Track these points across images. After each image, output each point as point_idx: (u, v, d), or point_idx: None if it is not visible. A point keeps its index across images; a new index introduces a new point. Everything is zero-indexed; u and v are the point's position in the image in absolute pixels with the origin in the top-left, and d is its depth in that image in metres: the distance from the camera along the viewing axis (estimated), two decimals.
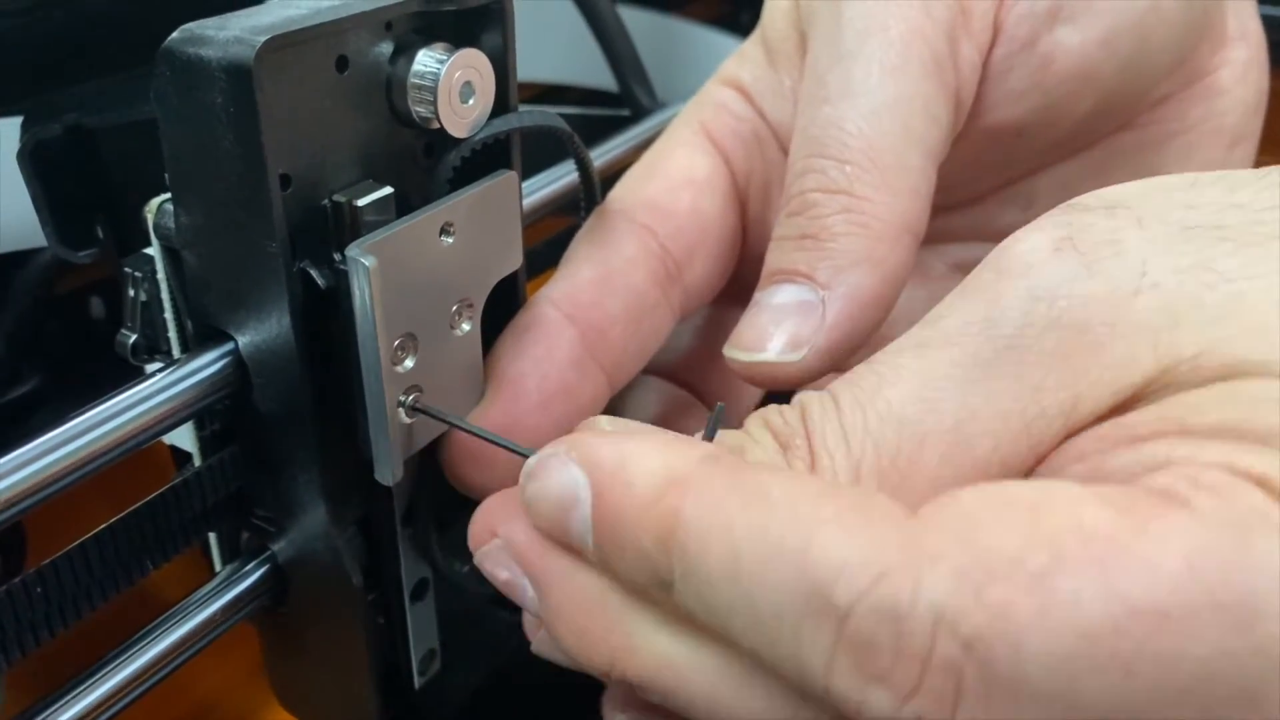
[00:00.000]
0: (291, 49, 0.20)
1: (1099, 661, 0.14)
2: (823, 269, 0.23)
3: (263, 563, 0.25)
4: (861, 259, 0.22)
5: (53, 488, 0.20)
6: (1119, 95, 0.26)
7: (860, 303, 0.22)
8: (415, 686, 0.27)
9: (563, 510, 0.18)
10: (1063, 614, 0.14)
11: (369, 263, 0.21)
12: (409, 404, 0.23)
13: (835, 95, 0.23)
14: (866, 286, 0.22)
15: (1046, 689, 0.14)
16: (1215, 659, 0.14)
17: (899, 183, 0.23)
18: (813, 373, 0.23)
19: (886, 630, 0.15)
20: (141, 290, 0.24)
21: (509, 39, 0.24)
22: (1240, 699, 0.14)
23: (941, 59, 0.24)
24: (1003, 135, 0.26)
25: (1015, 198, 0.28)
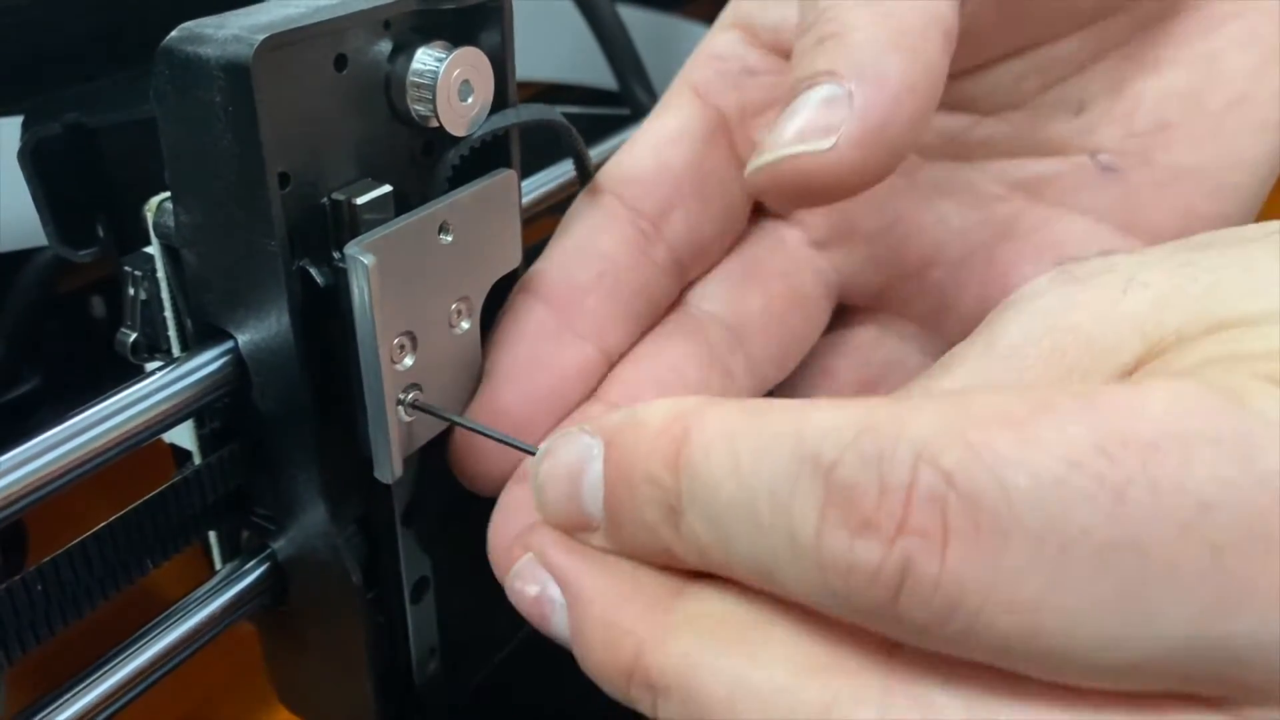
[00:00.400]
0: (290, 47, 0.21)
1: (1088, 488, 0.13)
2: (845, 62, 0.20)
3: (263, 561, 0.25)
4: (889, 47, 0.20)
5: (53, 485, 0.20)
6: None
7: (892, 90, 0.20)
8: (415, 685, 0.27)
9: (574, 480, 0.18)
10: (1047, 444, 0.14)
11: (368, 261, 0.21)
12: (408, 402, 0.23)
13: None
14: (897, 72, 0.20)
15: (1036, 521, 0.14)
16: (1215, 489, 0.13)
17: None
18: (848, 165, 0.20)
19: (869, 473, 0.14)
20: (141, 289, 0.24)
21: (507, 37, 0.24)
22: (1248, 534, 0.13)
23: None
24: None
25: (1064, 102, 0.26)
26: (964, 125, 0.27)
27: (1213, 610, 0.13)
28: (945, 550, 0.14)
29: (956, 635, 0.14)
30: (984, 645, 0.14)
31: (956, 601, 0.14)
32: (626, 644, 0.17)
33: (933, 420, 0.14)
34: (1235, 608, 0.13)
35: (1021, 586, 0.14)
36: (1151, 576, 0.13)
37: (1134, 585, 0.13)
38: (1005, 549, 0.14)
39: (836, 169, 0.20)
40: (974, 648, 0.14)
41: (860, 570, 0.14)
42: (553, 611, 0.18)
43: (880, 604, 0.14)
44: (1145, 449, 0.13)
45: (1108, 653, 0.14)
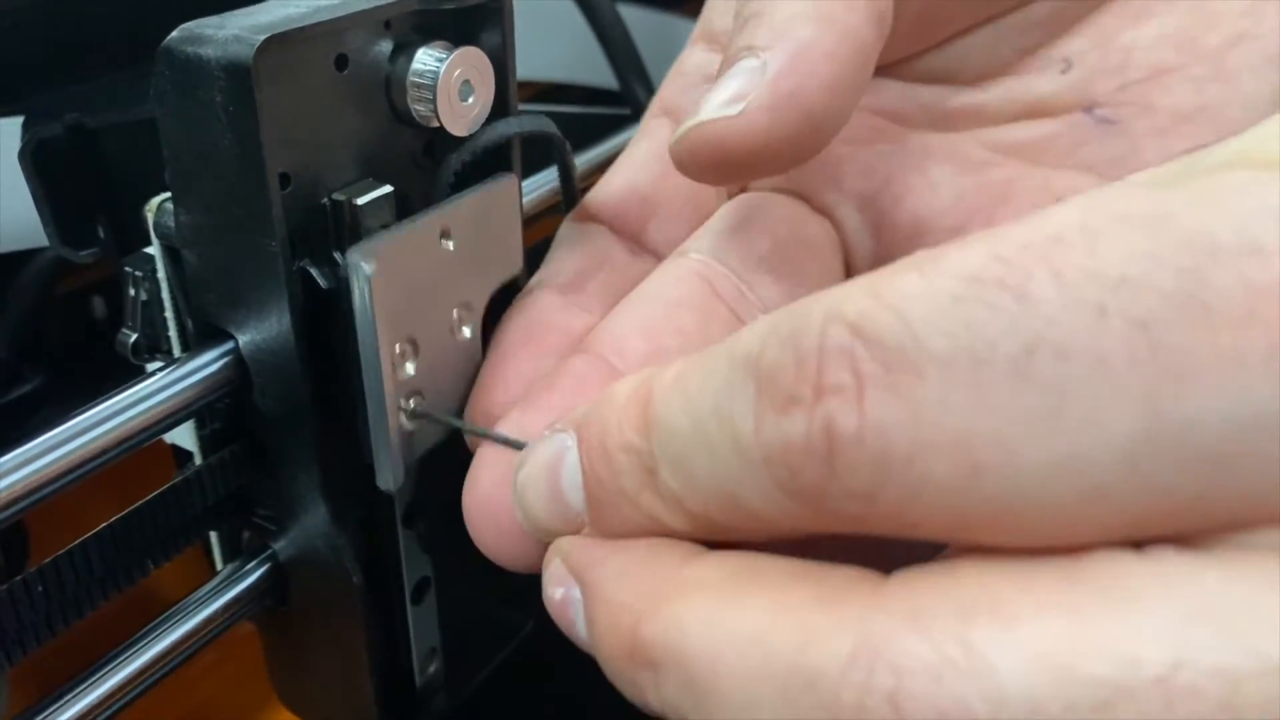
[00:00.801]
0: (291, 48, 0.20)
1: (988, 296, 0.12)
2: (765, 34, 0.20)
3: (263, 562, 0.25)
4: (806, 17, 0.20)
5: (53, 486, 0.20)
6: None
7: (806, 56, 0.20)
8: (416, 685, 0.27)
9: (552, 475, 0.18)
10: (946, 269, 0.13)
11: (369, 268, 0.21)
12: (410, 409, 0.23)
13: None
14: (812, 40, 0.20)
15: (943, 345, 0.13)
16: (1130, 263, 0.12)
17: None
18: (761, 131, 0.20)
19: (787, 349, 0.14)
20: (142, 289, 0.24)
21: (508, 37, 0.24)
22: (1177, 302, 0.12)
23: None
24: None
25: (1048, 62, 0.26)
26: (944, 95, 0.27)
27: (1156, 395, 0.12)
28: (861, 401, 0.13)
29: (903, 494, 0.13)
30: (933, 508, 0.13)
31: (884, 452, 0.13)
32: (625, 620, 0.16)
33: (848, 286, 0.14)
34: (1181, 387, 0.12)
35: (945, 419, 0.13)
36: (1077, 374, 0.12)
37: (1061, 388, 0.12)
38: (919, 383, 0.13)
39: (747, 133, 0.20)
40: (925, 514, 0.13)
41: (793, 449, 0.14)
42: (576, 614, 0.18)
43: (820, 481, 0.14)
44: (1046, 244, 0.12)
45: (1060, 480, 0.12)
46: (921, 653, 0.13)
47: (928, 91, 0.27)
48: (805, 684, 0.13)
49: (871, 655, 0.13)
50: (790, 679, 0.14)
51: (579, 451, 0.18)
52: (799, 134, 0.20)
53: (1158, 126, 0.25)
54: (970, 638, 0.12)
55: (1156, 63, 0.25)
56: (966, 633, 0.12)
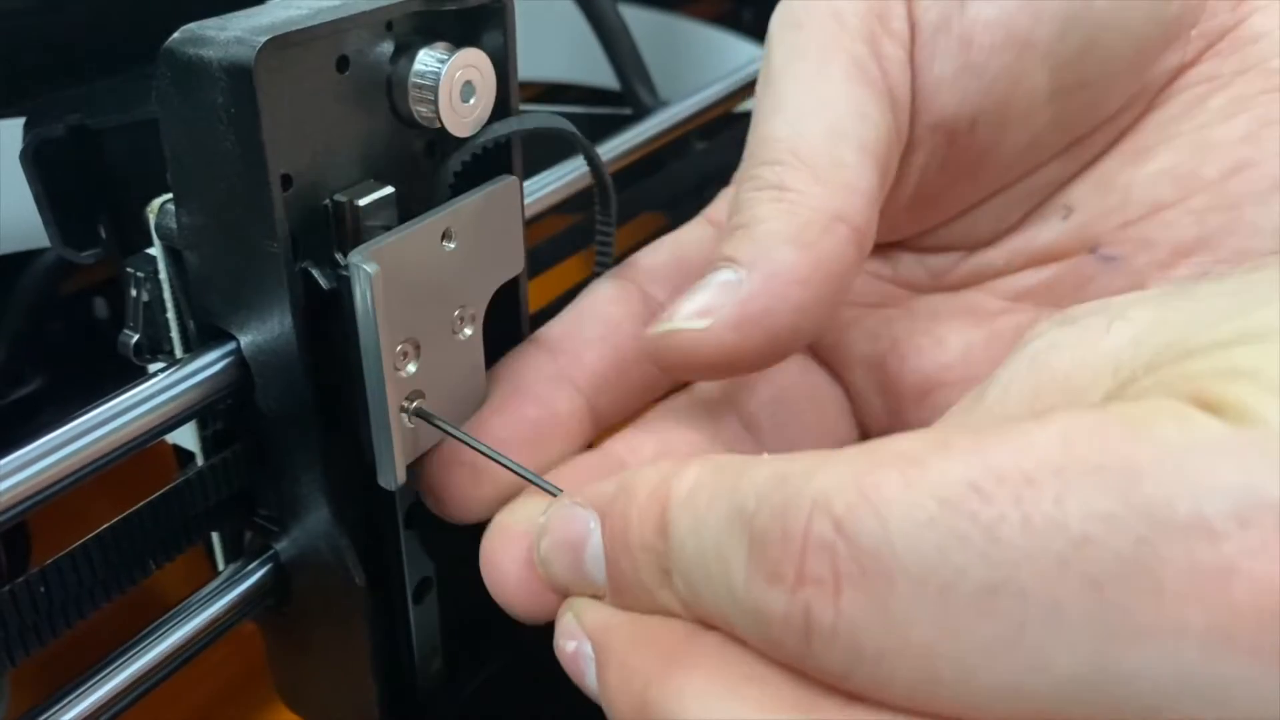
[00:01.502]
0: (292, 49, 0.20)
1: (961, 527, 0.13)
2: (746, 249, 0.22)
3: (265, 562, 0.25)
4: (786, 239, 0.22)
5: (55, 488, 0.20)
6: (1084, 65, 0.24)
7: (780, 279, 0.21)
8: (418, 685, 0.27)
9: (576, 553, 0.19)
10: (925, 484, 0.14)
11: (371, 269, 0.21)
12: (411, 409, 0.23)
13: (766, 115, 0.24)
14: (788, 264, 0.21)
15: (915, 563, 0.13)
16: (1091, 522, 0.13)
17: (830, 176, 0.22)
18: (725, 345, 0.21)
19: (777, 523, 0.15)
20: (144, 290, 0.24)
21: (510, 38, 0.24)
22: (1130, 568, 0.12)
23: (863, 61, 0.24)
24: (957, 132, 0.25)
25: (1051, 210, 0.27)
26: (953, 260, 0.28)
27: (1102, 650, 0.13)
28: (838, 597, 0.14)
29: (872, 682, 0.14)
30: (901, 694, 0.14)
31: (856, 648, 0.14)
32: (637, 683, 0.17)
33: (839, 467, 0.15)
34: (1125, 645, 0.13)
35: (911, 631, 0.13)
36: (1034, 617, 0.13)
37: (1019, 627, 0.13)
38: (891, 593, 0.14)
39: (712, 347, 0.21)
40: (895, 696, 0.14)
41: (775, 619, 0.15)
42: (587, 666, 0.19)
43: (800, 650, 0.15)
44: (1020, 484, 0.13)
45: (1009, 701, 0.13)
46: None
47: (937, 259, 0.28)
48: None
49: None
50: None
51: (604, 540, 0.19)
52: (761, 352, 0.22)
53: (1159, 260, 0.25)
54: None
55: (1155, 199, 0.25)
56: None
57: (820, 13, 0.24)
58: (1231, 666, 0.12)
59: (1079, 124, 0.26)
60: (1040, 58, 0.24)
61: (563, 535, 0.19)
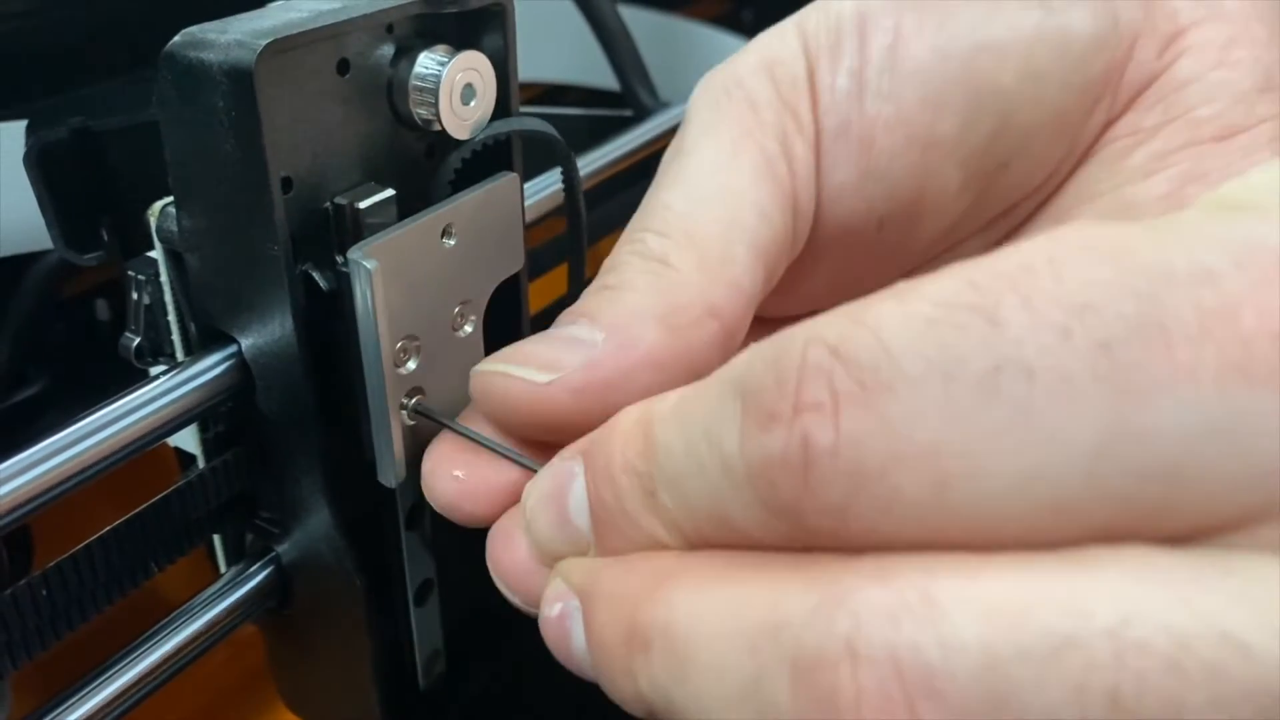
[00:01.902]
0: (292, 52, 0.21)
1: (961, 319, 0.13)
2: (609, 313, 0.21)
3: (267, 564, 0.25)
4: (653, 317, 0.20)
5: (56, 491, 0.20)
6: (998, 148, 0.23)
7: (635, 355, 0.20)
8: (420, 688, 0.27)
9: (559, 500, 0.18)
10: (920, 294, 0.14)
11: (371, 265, 0.21)
12: (411, 406, 0.23)
13: (667, 184, 0.23)
14: (648, 342, 0.20)
15: (915, 364, 0.13)
16: (1093, 289, 0.13)
17: (717, 269, 0.21)
18: (555, 407, 0.20)
19: (770, 370, 0.14)
20: (145, 293, 0.24)
21: (510, 40, 0.24)
22: (1137, 324, 0.12)
23: (773, 159, 0.23)
24: (864, 235, 0.24)
25: None
26: None
27: (1116, 409, 0.12)
28: (837, 417, 0.14)
29: (874, 509, 0.14)
30: (903, 522, 0.14)
31: (857, 466, 0.14)
32: (624, 610, 0.17)
33: (830, 313, 0.14)
34: (1140, 402, 0.12)
35: (914, 433, 0.13)
36: (1043, 391, 0.13)
37: (1027, 404, 0.13)
38: (891, 399, 0.13)
39: (544, 406, 0.20)
40: (895, 529, 0.14)
41: (773, 463, 0.14)
42: (573, 624, 0.18)
43: (797, 495, 0.14)
44: (1016, 271, 0.13)
45: (1023, 497, 0.13)
46: (880, 599, 0.13)
47: None
48: (770, 636, 0.14)
49: (833, 605, 0.14)
50: (757, 633, 0.14)
51: (585, 477, 0.18)
52: (593, 420, 0.20)
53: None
54: (929, 588, 0.13)
55: None
56: (927, 584, 0.13)
57: (738, 99, 0.23)
58: (1249, 399, 0.12)
59: (1000, 201, 0.25)
60: (947, 153, 0.23)
61: (548, 486, 0.19)
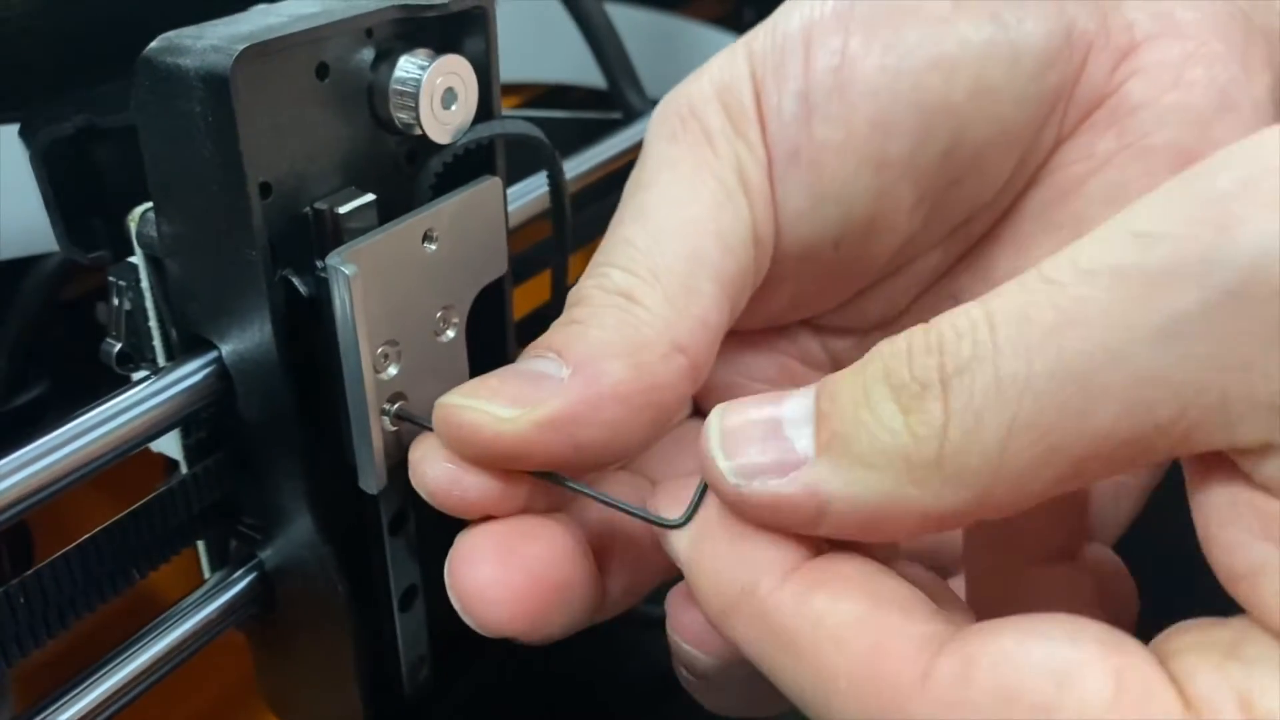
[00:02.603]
0: (270, 57, 0.20)
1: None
2: (576, 348, 0.21)
3: (250, 570, 0.25)
4: (619, 353, 0.21)
5: (36, 498, 0.20)
6: (950, 166, 0.23)
7: (601, 392, 0.20)
8: (405, 693, 0.27)
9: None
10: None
11: (349, 271, 0.21)
12: (393, 412, 0.23)
13: (629, 219, 0.23)
14: (615, 378, 0.20)
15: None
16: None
17: (683, 304, 0.22)
18: (521, 442, 0.20)
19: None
20: (126, 299, 0.24)
21: (492, 44, 0.24)
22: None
23: (732, 190, 0.23)
24: (821, 255, 0.24)
25: (940, 299, 0.26)
26: (850, 343, 0.27)
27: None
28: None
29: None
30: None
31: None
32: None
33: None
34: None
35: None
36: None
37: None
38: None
39: (510, 442, 0.20)
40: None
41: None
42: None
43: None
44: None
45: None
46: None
47: (836, 341, 0.28)
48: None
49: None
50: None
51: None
52: (562, 458, 0.20)
53: None
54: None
55: None
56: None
57: (693, 129, 0.23)
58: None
59: (954, 216, 0.25)
60: (899, 172, 0.23)
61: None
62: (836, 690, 0.17)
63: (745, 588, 0.18)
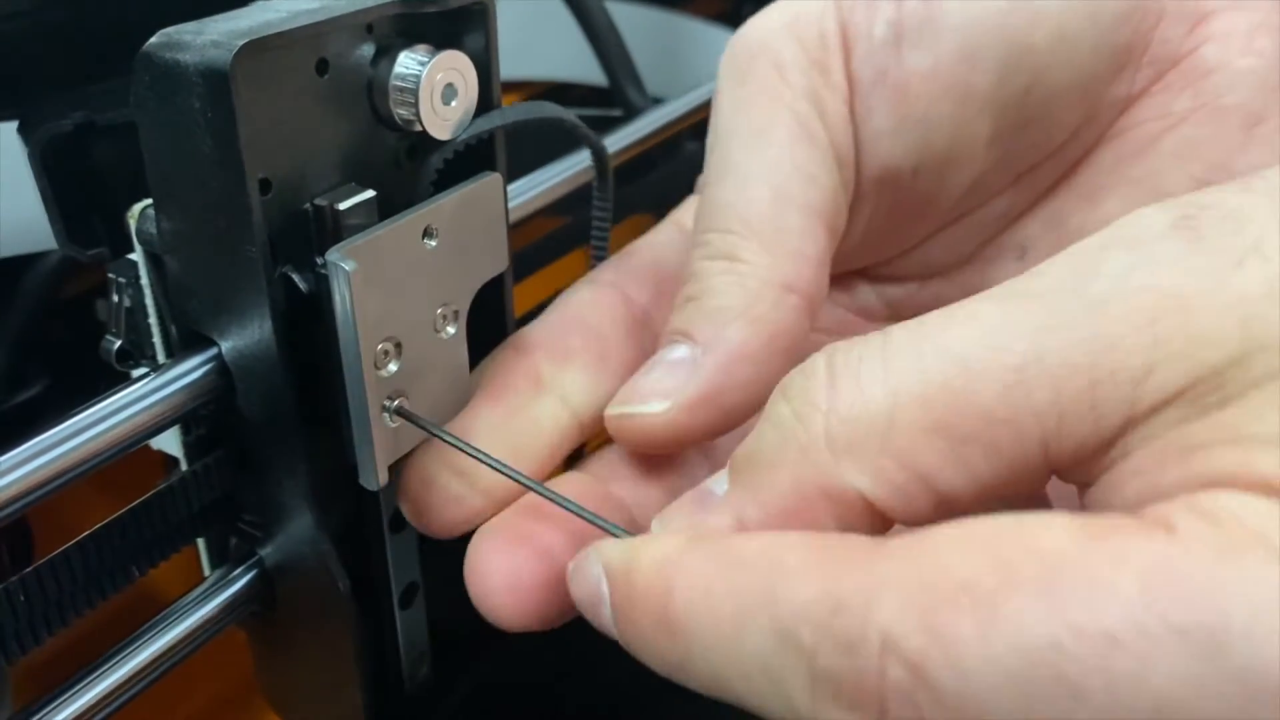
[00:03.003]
0: (269, 53, 0.20)
1: (1045, 685, 0.13)
2: (699, 326, 0.23)
3: (250, 568, 0.25)
4: (737, 315, 0.22)
5: (36, 494, 0.20)
6: (1026, 105, 0.24)
7: (733, 356, 0.22)
8: (406, 690, 0.27)
9: (595, 606, 0.19)
10: (1004, 635, 0.14)
11: (349, 267, 0.21)
12: (393, 409, 0.23)
13: (714, 178, 0.24)
14: (740, 341, 0.22)
15: (999, 713, 0.14)
16: (1178, 688, 0.13)
17: (777, 245, 0.23)
18: (679, 427, 0.22)
19: (846, 662, 0.15)
20: (125, 296, 0.24)
21: (492, 40, 0.24)
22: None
23: (806, 120, 0.24)
24: (899, 180, 0.25)
25: (1007, 249, 0.27)
26: (910, 291, 0.28)
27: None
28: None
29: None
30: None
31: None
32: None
33: (898, 598, 0.15)
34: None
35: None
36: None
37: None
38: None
39: (667, 430, 0.22)
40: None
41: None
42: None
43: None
44: (1103, 641, 0.13)
45: None
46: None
47: (893, 289, 0.28)
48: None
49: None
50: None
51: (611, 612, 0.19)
52: (715, 426, 0.23)
53: None
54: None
55: None
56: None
57: (763, 67, 0.24)
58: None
59: (1025, 160, 0.26)
60: (980, 104, 0.24)
61: (583, 590, 0.20)
62: (785, 571, 0.16)
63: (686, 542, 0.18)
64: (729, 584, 0.17)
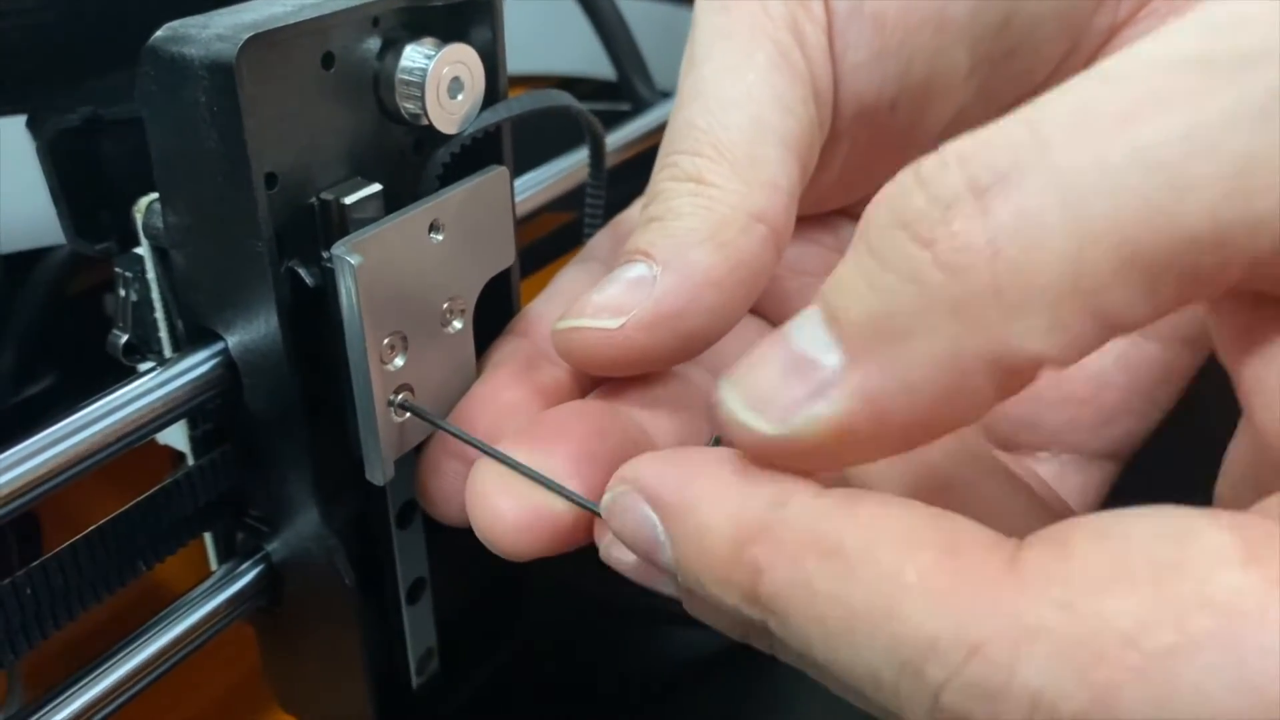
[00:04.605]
0: (275, 46, 0.20)
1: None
2: (661, 245, 0.21)
3: (257, 563, 0.25)
4: (703, 239, 0.21)
5: (43, 487, 0.20)
6: (1006, 36, 0.23)
7: (694, 280, 0.21)
8: (413, 687, 0.27)
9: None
10: (1182, 706, 0.12)
11: (355, 261, 0.21)
12: (399, 403, 0.23)
13: (687, 100, 0.23)
14: (704, 265, 0.21)
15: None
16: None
17: (750, 174, 0.22)
18: (633, 346, 0.21)
19: (983, 708, 0.13)
20: (132, 290, 0.24)
21: (498, 33, 0.24)
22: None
23: (787, 49, 0.23)
24: (879, 115, 0.24)
25: None
26: None
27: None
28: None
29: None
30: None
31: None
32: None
33: (1049, 650, 0.13)
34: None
35: None
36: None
37: None
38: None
39: (620, 348, 0.21)
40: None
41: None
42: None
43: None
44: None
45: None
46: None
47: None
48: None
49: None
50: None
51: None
52: (671, 352, 0.21)
53: None
54: None
55: None
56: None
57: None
58: None
59: (1006, 93, 0.25)
60: (957, 34, 0.23)
61: (631, 534, 0.18)
62: (902, 588, 0.14)
63: (775, 502, 0.16)
64: (833, 588, 0.15)
